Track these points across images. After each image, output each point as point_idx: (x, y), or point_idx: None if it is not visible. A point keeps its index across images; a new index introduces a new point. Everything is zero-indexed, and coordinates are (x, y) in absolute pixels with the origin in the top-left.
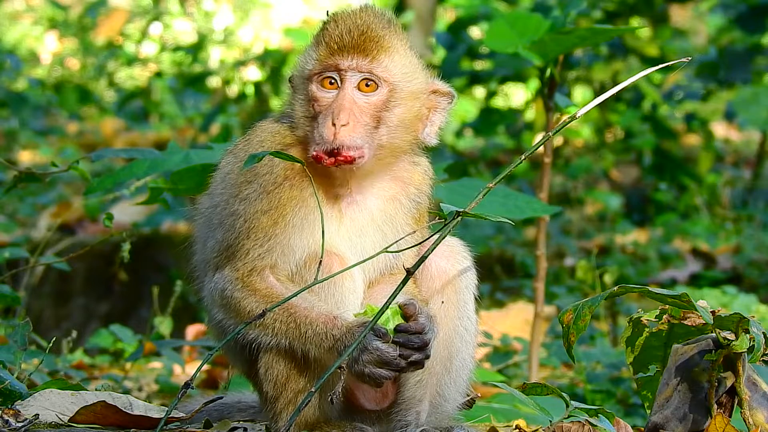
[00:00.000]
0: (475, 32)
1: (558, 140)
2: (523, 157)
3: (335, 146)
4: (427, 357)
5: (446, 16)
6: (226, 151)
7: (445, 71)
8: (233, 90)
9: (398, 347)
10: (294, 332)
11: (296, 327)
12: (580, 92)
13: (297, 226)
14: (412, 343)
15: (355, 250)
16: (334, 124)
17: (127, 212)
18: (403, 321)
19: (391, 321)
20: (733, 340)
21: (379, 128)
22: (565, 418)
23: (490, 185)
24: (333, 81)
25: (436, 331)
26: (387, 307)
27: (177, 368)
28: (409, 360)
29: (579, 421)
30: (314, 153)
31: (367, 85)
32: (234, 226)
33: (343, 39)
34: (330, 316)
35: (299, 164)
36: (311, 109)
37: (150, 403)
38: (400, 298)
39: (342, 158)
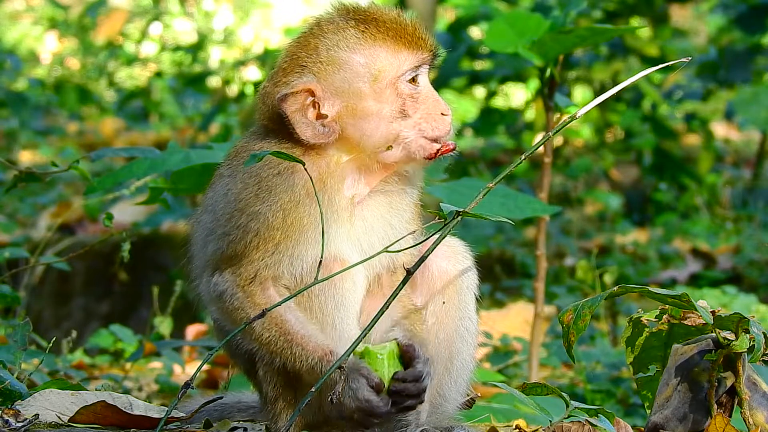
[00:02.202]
0: (475, 32)
1: (558, 140)
2: (523, 157)
3: (450, 135)
4: (421, 402)
5: (446, 16)
6: (217, 175)
7: (445, 71)
8: (233, 90)
9: (392, 396)
10: (289, 358)
11: (291, 354)
12: (580, 92)
13: (311, 239)
14: (408, 391)
15: (361, 250)
16: (446, 114)
17: (127, 212)
18: (398, 363)
19: (386, 366)
20: (733, 340)
21: None
22: (565, 418)
23: (490, 185)
24: (417, 77)
25: (432, 374)
26: (385, 308)
27: (177, 368)
28: (401, 406)
29: (579, 421)
30: (436, 149)
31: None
32: (244, 238)
33: (416, 34)
34: (326, 351)
35: (320, 178)
36: (403, 108)
37: (150, 403)
38: (398, 334)
39: (447, 148)
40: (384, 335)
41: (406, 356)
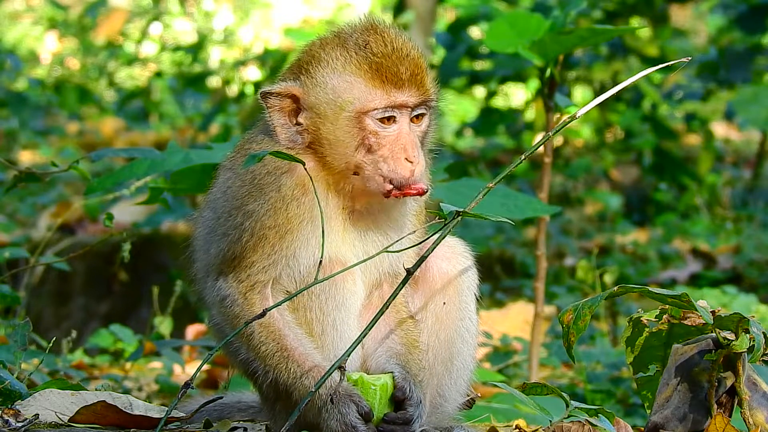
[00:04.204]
0: (475, 32)
1: (558, 140)
2: (523, 157)
3: (411, 183)
4: None
5: (446, 16)
6: (221, 167)
7: (445, 71)
8: (233, 90)
9: None
10: (284, 374)
11: (286, 369)
12: (580, 92)
13: (303, 239)
14: None
15: (358, 255)
16: (410, 161)
17: (127, 212)
18: (391, 400)
19: (378, 398)
20: (733, 340)
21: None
22: (565, 418)
23: (490, 185)
24: (392, 117)
25: (423, 417)
26: (385, 308)
27: (177, 368)
28: None
29: (579, 421)
30: (387, 189)
31: (417, 117)
32: (240, 238)
33: (402, 75)
34: (321, 371)
35: (306, 181)
36: (366, 142)
37: (150, 403)
38: (395, 367)
39: (415, 191)
40: (380, 343)
41: (399, 395)
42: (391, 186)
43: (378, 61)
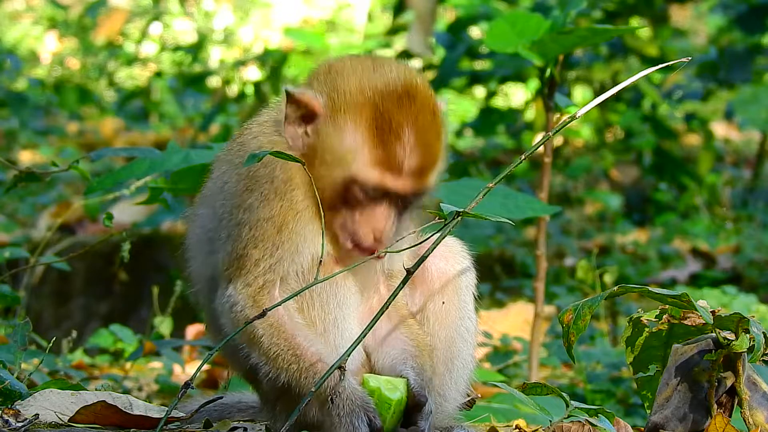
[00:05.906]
0: (475, 32)
1: (558, 140)
2: (523, 157)
3: (378, 246)
4: None
5: (446, 16)
6: (217, 160)
7: (445, 71)
8: (233, 90)
9: None
10: (295, 375)
11: (298, 370)
12: (580, 92)
13: (301, 233)
14: None
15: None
16: (376, 239)
17: (127, 212)
18: (401, 412)
19: (392, 412)
20: (733, 340)
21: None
22: (565, 418)
23: (490, 185)
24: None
25: (433, 426)
26: (385, 308)
27: (177, 368)
28: None
29: (579, 421)
30: (344, 242)
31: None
32: (241, 235)
33: (406, 166)
34: (334, 375)
35: (301, 173)
36: (346, 196)
37: (150, 403)
38: (410, 372)
39: (367, 253)
40: (389, 344)
41: (412, 402)
42: (351, 244)
43: (392, 142)
